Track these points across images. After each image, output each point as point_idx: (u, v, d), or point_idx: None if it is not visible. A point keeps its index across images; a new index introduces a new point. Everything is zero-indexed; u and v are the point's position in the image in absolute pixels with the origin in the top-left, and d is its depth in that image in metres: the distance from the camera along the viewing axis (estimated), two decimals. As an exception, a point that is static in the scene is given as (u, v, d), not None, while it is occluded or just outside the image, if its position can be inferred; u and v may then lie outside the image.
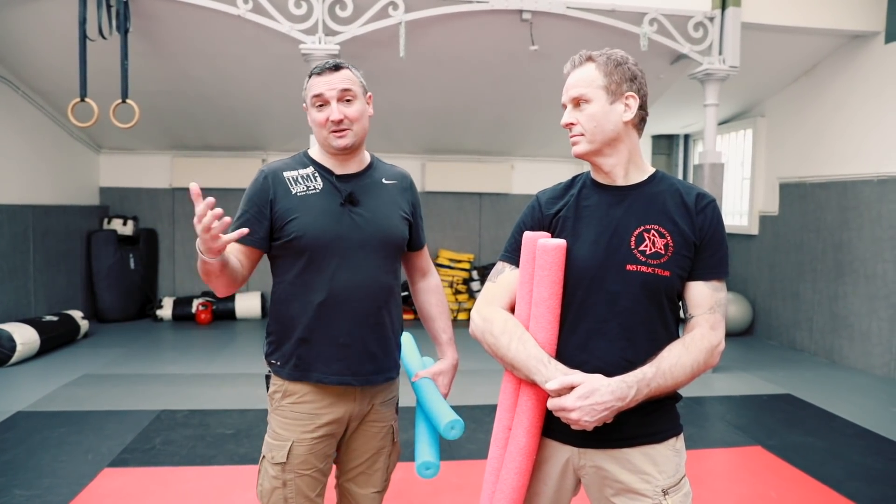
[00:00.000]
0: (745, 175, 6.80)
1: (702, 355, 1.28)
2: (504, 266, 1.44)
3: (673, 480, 1.32)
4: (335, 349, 1.60)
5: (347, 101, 1.59)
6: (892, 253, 4.92)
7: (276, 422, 1.63)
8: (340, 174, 1.64)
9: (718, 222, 1.34)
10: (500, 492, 1.33)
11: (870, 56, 5.18)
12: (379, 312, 1.65)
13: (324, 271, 1.58)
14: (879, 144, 5.06)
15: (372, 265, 1.62)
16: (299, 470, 1.59)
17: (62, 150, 6.37)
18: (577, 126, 1.34)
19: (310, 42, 4.40)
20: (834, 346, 5.50)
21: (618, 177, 1.37)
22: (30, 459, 3.13)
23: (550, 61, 5.12)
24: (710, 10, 4.78)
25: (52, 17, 4.56)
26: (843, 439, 3.60)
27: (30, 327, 5.07)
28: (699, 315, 1.32)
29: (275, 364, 1.65)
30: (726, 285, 1.37)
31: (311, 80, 1.61)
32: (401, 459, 1.84)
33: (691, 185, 1.39)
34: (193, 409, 3.91)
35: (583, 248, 1.33)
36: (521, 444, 1.32)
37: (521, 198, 7.74)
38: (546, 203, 1.43)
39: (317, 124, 1.60)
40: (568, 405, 1.20)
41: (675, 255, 1.31)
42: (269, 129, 6.64)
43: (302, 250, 1.58)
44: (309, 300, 1.59)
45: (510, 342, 1.31)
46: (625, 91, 1.32)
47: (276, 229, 1.60)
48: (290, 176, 1.62)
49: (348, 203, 1.61)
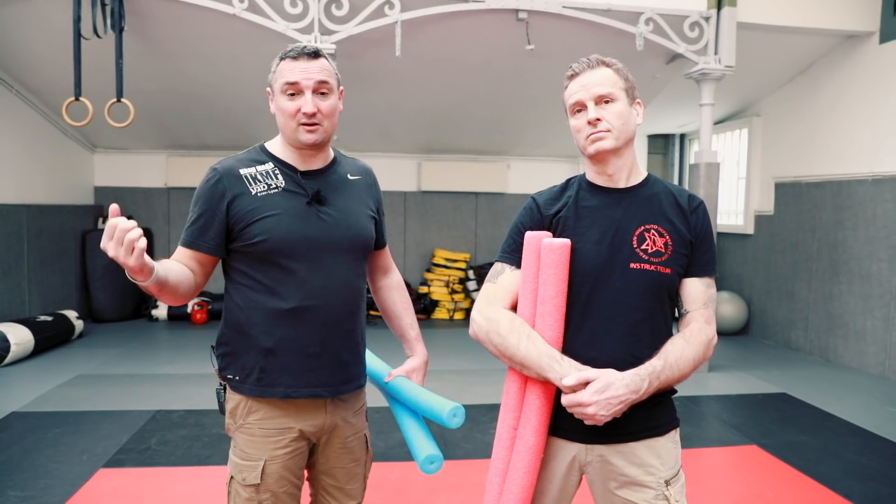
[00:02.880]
0: (741, 174, 6.82)
1: (701, 348, 1.33)
2: (504, 267, 1.43)
3: (674, 471, 1.37)
4: (305, 359, 1.48)
5: (322, 94, 1.45)
6: (887, 252, 4.94)
7: (243, 440, 1.49)
8: (305, 170, 1.52)
9: (708, 222, 1.42)
10: (508, 492, 1.33)
11: (864, 56, 5.20)
12: (351, 318, 1.55)
13: (291, 276, 1.46)
14: (874, 144, 5.08)
15: (343, 268, 1.52)
16: (275, 489, 1.48)
17: (57, 149, 6.34)
18: (603, 122, 1.34)
19: (305, 41, 4.38)
20: (829, 345, 5.52)
21: (621, 179, 1.40)
22: (24, 460, 3.11)
23: (546, 61, 5.13)
24: (706, 10, 4.79)
25: (46, 16, 4.54)
26: (837, 438, 3.62)
27: (24, 327, 5.05)
28: (695, 310, 1.38)
29: (232, 379, 1.50)
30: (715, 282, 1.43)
31: (282, 64, 1.45)
32: (399, 459, 1.83)
33: (681, 188, 1.45)
34: (189, 410, 3.90)
35: (586, 247, 1.36)
36: (531, 444, 1.32)
37: (518, 197, 7.74)
38: (544, 204, 1.44)
39: (285, 114, 1.45)
40: (585, 400, 1.22)
41: (674, 253, 1.36)
42: (264, 127, 6.59)
43: (266, 254, 1.45)
44: (274, 308, 1.46)
45: (519, 341, 1.31)
46: (636, 97, 1.40)
47: (235, 232, 1.46)
48: (248, 174, 1.48)
49: (315, 202, 1.49)
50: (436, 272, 7.37)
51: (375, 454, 2.88)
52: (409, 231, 7.67)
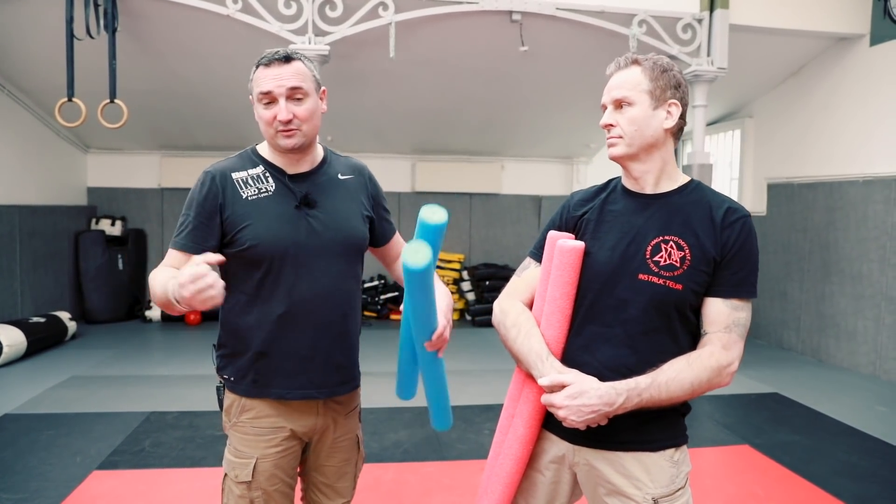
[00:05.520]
0: (734, 175, 6.85)
1: (705, 373, 1.27)
2: (530, 262, 1.49)
3: (666, 491, 1.31)
4: (297, 362, 1.49)
5: (298, 100, 1.45)
6: (878, 253, 4.98)
7: (237, 438, 1.52)
8: (293, 174, 1.52)
9: (747, 239, 1.29)
10: (495, 475, 1.40)
11: (855, 58, 5.24)
12: (343, 321, 1.55)
13: (282, 282, 1.46)
14: (865, 145, 5.12)
15: (333, 272, 1.51)
16: (266, 487, 1.50)
17: (49, 149, 6.32)
18: (616, 128, 1.32)
19: (299, 42, 4.39)
20: (821, 345, 5.55)
21: (647, 184, 1.35)
22: (17, 463, 3.10)
23: (540, 62, 5.15)
24: (699, 12, 4.82)
25: (39, 16, 4.52)
26: (828, 437, 3.65)
27: (16, 329, 5.02)
28: (713, 332, 1.30)
29: (228, 379, 1.53)
30: (751, 305, 1.32)
31: (257, 72, 1.46)
32: (393, 460, 1.84)
33: (724, 199, 1.34)
34: (183, 411, 3.89)
35: (600, 252, 1.35)
36: (520, 434, 1.38)
37: (512, 198, 7.76)
38: (576, 204, 1.45)
39: (263, 122, 1.47)
40: (556, 402, 1.25)
41: (690, 269, 1.28)
42: (257, 129, 6.49)
43: (257, 260, 1.45)
44: (266, 312, 1.47)
45: (518, 335, 1.37)
46: (668, 98, 1.31)
47: (227, 237, 1.46)
48: (240, 178, 1.48)
49: (304, 205, 1.49)
50: (430, 273, 7.37)
51: (370, 455, 2.88)
52: (403, 232, 7.45)
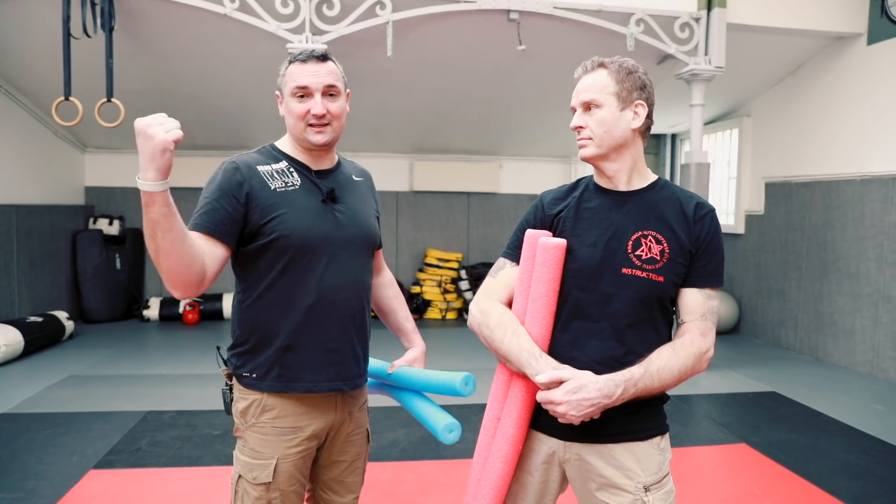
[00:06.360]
0: (732, 174, 6.86)
1: (690, 360, 1.31)
2: (505, 262, 1.48)
3: (655, 478, 1.36)
4: (324, 354, 1.51)
5: (331, 97, 1.51)
6: (875, 252, 4.99)
7: (255, 439, 1.50)
8: (317, 170, 1.56)
9: (716, 232, 1.37)
10: (485, 479, 1.38)
11: (853, 57, 5.24)
12: (363, 313, 1.60)
13: (310, 272, 1.48)
14: (862, 144, 5.12)
15: (356, 264, 1.56)
16: (284, 488, 1.50)
17: (46, 149, 6.30)
18: (585, 130, 1.36)
19: (297, 41, 4.38)
20: (818, 344, 5.56)
21: (620, 182, 1.40)
22: (14, 462, 3.10)
23: (538, 61, 5.15)
24: (696, 11, 4.82)
25: (35, 15, 4.51)
26: (826, 436, 3.65)
27: (13, 328, 5.02)
28: (691, 321, 1.35)
29: (248, 377, 1.51)
30: (719, 294, 1.39)
31: (292, 68, 1.50)
32: (390, 459, 1.84)
33: (691, 195, 1.41)
34: (180, 410, 3.89)
35: (581, 248, 1.37)
36: (509, 434, 1.36)
37: (510, 197, 7.76)
38: (549, 203, 1.46)
39: (295, 116, 1.49)
40: (556, 399, 1.25)
41: (670, 261, 1.34)
42: (256, 128, 6.60)
43: (284, 250, 1.46)
44: (293, 304, 1.48)
45: (504, 335, 1.36)
46: (635, 99, 1.35)
47: (253, 226, 1.44)
48: (265, 170, 1.49)
49: (329, 200, 1.53)
50: (428, 272, 7.38)
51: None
52: (401, 231, 7.67)
